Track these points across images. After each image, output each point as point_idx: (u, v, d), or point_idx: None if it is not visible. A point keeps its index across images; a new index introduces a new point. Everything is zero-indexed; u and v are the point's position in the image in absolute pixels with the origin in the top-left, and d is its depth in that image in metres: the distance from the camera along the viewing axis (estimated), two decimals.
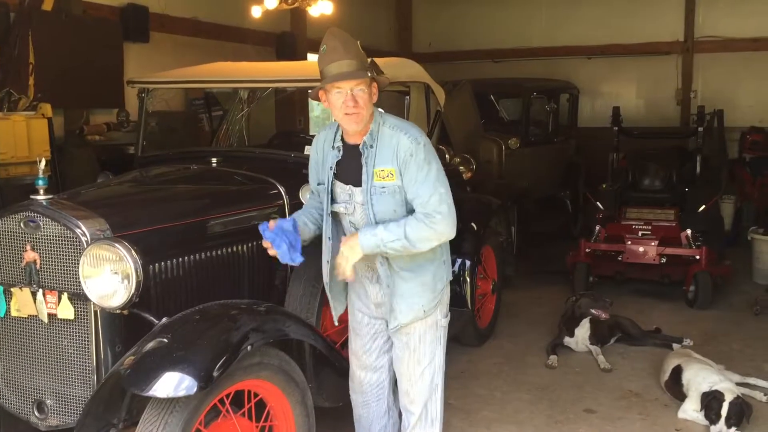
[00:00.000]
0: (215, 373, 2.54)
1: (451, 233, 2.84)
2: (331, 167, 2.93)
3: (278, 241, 2.81)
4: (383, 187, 2.81)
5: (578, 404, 4.35)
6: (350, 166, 2.89)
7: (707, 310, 6.10)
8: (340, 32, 2.81)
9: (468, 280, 4.94)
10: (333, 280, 3.06)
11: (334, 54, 2.75)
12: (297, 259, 2.84)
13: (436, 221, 2.78)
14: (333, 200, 2.96)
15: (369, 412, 3.28)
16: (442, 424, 3.22)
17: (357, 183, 2.88)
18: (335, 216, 3.00)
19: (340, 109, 2.78)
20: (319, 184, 3.02)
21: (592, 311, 5.17)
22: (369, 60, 2.87)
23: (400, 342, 3.06)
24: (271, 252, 2.85)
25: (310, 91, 2.93)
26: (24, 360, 2.99)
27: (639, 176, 7.55)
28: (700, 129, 7.88)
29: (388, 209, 2.84)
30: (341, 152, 2.91)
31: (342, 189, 2.93)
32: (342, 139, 2.92)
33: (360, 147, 2.84)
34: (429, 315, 3.02)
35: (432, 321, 3.04)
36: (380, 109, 2.92)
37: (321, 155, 3.00)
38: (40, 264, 2.89)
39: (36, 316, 2.92)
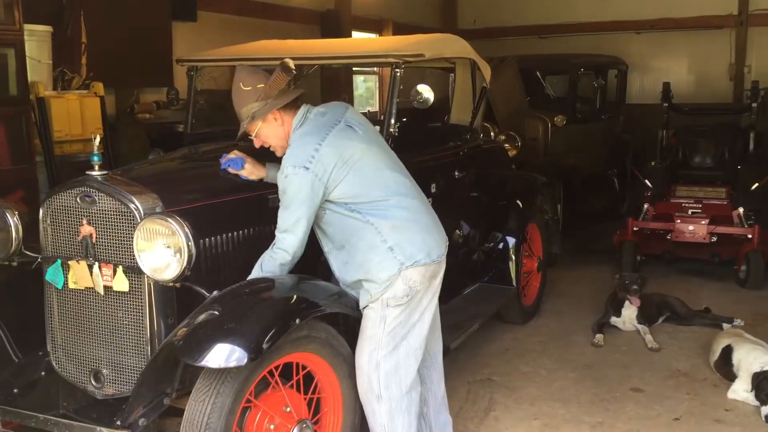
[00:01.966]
0: (265, 345, 2.59)
1: (291, 259, 2.97)
2: None
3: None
4: None
5: (625, 383, 4.32)
6: None
7: (759, 290, 5.99)
8: (236, 75, 3.01)
9: (513, 257, 4.94)
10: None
11: (235, 104, 3.04)
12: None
13: (277, 252, 2.96)
14: None
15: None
16: (402, 404, 3.03)
17: None
18: None
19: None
20: None
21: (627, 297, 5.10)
22: (264, 85, 2.97)
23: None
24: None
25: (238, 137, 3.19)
26: (81, 331, 3.08)
27: (689, 153, 7.40)
28: (754, 105, 7.64)
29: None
30: None
31: None
32: None
33: None
34: (377, 298, 2.96)
35: (378, 300, 2.97)
36: (308, 107, 3.06)
37: None
38: (96, 238, 2.97)
39: (92, 288, 3.01)
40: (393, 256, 2.95)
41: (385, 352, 2.99)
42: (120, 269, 2.93)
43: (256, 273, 2.99)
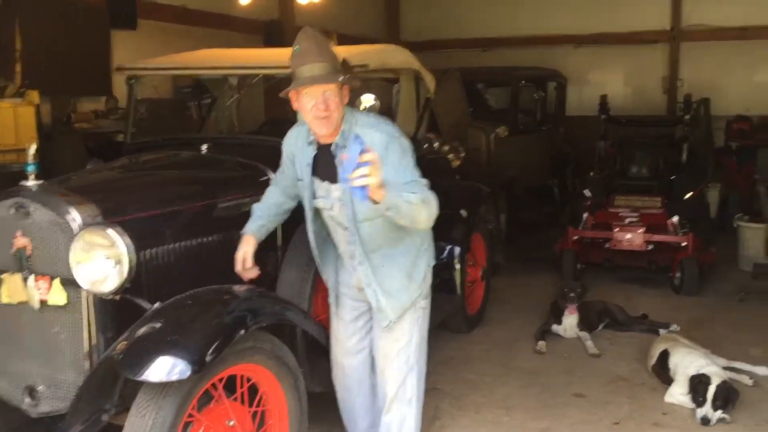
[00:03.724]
0: (208, 358, 2.55)
1: (434, 216, 2.79)
2: (308, 164, 2.95)
3: None
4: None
5: (567, 389, 4.39)
6: (325, 164, 2.90)
7: (693, 297, 6.17)
8: (314, 33, 2.79)
9: (457, 266, 4.97)
10: (321, 261, 3.18)
11: (306, 56, 2.73)
12: None
13: (435, 200, 2.75)
14: (313, 195, 2.99)
15: (351, 395, 3.33)
16: (420, 405, 3.21)
17: (333, 180, 2.89)
18: (315, 210, 3.04)
19: (310, 112, 2.78)
20: (298, 180, 3.05)
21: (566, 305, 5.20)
22: (342, 60, 2.88)
23: (378, 327, 3.10)
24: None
25: (281, 92, 2.89)
26: (15, 346, 2.98)
27: (626, 164, 7.62)
28: (687, 117, 7.92)
29: (368, 207, 2.77)
30: (316, 147, 2.93)
31: (319, 185, 2.96)
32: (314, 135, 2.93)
33: (332, 148, 2.86)
34: (416, 303, 3.07)
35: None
36: (352, 108, 2.93)
37: (293, 152, 3.03)
38: (31, 250, 2.88)
39: (27, 302, 2.91)
40: (424, 258, 3.08)
41: (417, 354, 3.11)
42: (57, 282, 2.84)
43: (413, 198, 2.63)
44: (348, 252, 3.03)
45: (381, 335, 3.11)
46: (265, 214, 3.23)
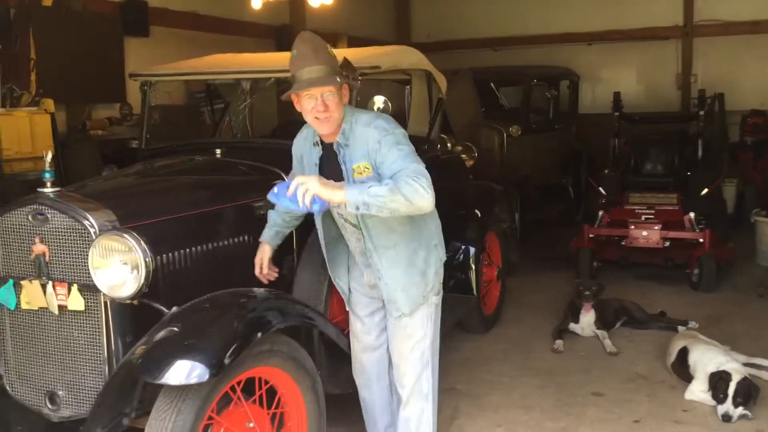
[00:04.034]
0: (226, 361, 2.56)
1: (431, 201, 2.69)
2: (316, 164, 3.01)
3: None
4: (363, 182, 2.83)
5: (586, 387, 4.37)
6: (330, 163, 2.96)
7: (711, 293, 6.12)
8: (311, 37, 2.84)
9: (473, 266, 4.96)
10: (332, 262, 3.21)
11: (305, 60, 2.78)
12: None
13: (422, 182, 2.67)
14: None
15: (371, 392, 3.37)
16: (436, 401, 3.24)
17: (338, 178, 2.91)
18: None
19: (311, 113, 2.82)
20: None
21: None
22: (342, 60, 2.92)
23: (392, 317, 3.13)
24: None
25: (283, 95, 2.94)
26: (35, 352, 3.00)
27: (641, 161, 7.57)
28: (701, 113, 7.87)
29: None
30: (321, 147, 2.98)
31: None
32: (320, 136, 2.97)
33: (334, 147, 2.91)
34: (429, 299, 3.10)
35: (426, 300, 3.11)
36: (353, 106, 2.97)
37: (301, 153, 3.10)
38: (49, 256, 2.90)
39: (46, 308, 2.93)
40: (437, 253, 3.12)
41: (432, 350, 3.15)
42: (75, 288, 2.86)
43: (379, 190, 2.62)
44: (359, 248, 3.08)
45: (395, 332, 3.14)
46: (279, 220, 3.28)
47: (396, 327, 3.12)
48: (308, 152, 3.04)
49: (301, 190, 2.62)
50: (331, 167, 2.94)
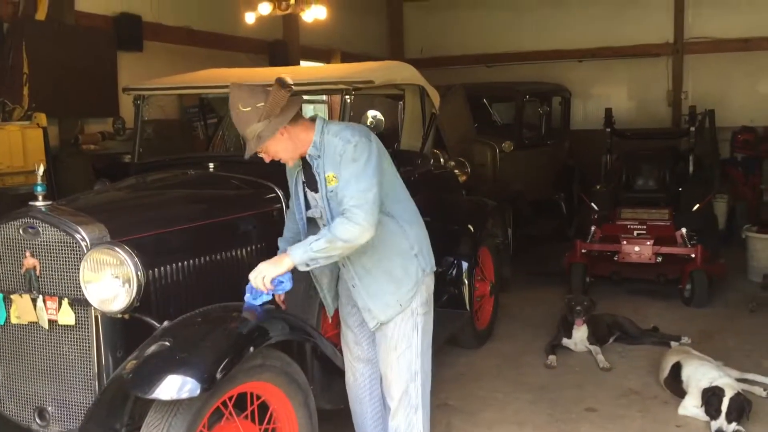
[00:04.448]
0: (218, 375, 2.54)
1: (368, 232, 2.82)
2: (295, 179, 3.10)
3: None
4: (331, 191, 2.92)
5: (579, 403, 4.36)
6: (311, 175, 3.03)
7: (703, 308, 6.13)
8: (235, 91, 2.86)
9: (466, 281, 4.96)
10: (319, 280, 3.23)
11: (237, 125, 2.89)
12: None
13: (356, 217, 2.79)
14: (307, 207, 3.11)
15: (362, 405, 3.35)
16: (427, 412, 3.23)
17: (317, 189, 3.01)
18: (310, 220, 3.13)
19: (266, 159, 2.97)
20: (295, 196, 3.16)
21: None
22: (275, 81, 2.82)
23: (378, 330, 3.14)
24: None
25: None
26: (25, 367, 2.97)
27: (633, 177, 7.62)
28: (692, 129, 7.93)
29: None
30: (301, 163, 3.05)
31: (311, 196, 3.07)
32: None
33: (308, 159, 2.98)
34: (406, 307, 3.09)
35: (407, 310, 3.10)
36: (323, 118, 3.05)
37: (290, 173, 3.17)
38: (40, 270, 2.89)
39: (36, 322, 2.91)
40: (417, 262, 3.10)
41: (421, 360, 3.13)
42: (65, 302, 2.85)
43: (319, 244, 2.79)
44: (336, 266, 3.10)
45: (380, 344, 3.15)
46: (287, 247, 3.26)
47: (381, 338, 3.14)
48: (292, 171, 3.12)
49: (259, 282, 2.84)
50: (311, 179, 3.03)
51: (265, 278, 2.84)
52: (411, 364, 3.12)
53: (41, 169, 2.97)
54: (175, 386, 2.47)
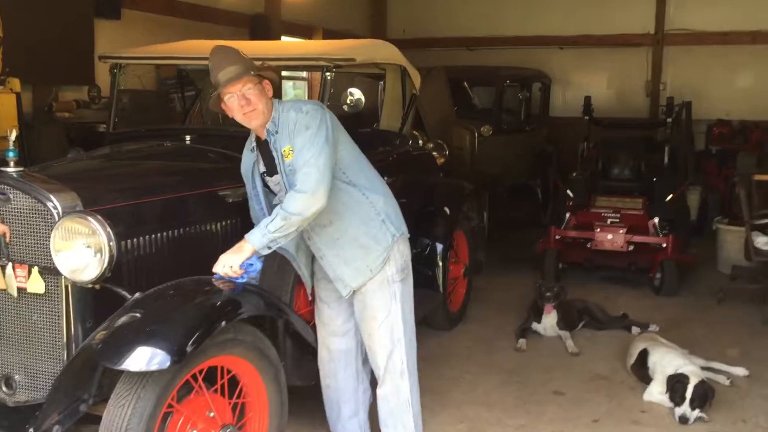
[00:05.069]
0: (189, 348, 2.53)
1: (319, 201, 2.85)
2: (249, 167, 3.14)
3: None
4: (289, 166, 2.95)
5: (547, 386, 4.41)
6: (271, 160, 3.05)
7: (672, 297, 6.22)
8: (220, 46, 3.00)
9: (440, 263, 4.97)
10: (296, 257, 3.24)
11: (218, 66, 2.92)
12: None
13: (304, 183, 2.84)
14: (273, 193, 3.15)
15: (337, 381, 3.38)
16: (414, 378, 3.32)
17: (276, 171, 3.05)
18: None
19: (237, 111, 2.95)
20: (252, 189, 3.19)
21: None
22: (261, 63, 3.08)
23: (356, 301, 3.19)
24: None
25: (210, 103, 3.06)
26: None
27: (608, 165, 7.68)
28: (669, 120, 7.99)
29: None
30: (258, 151, 3.10)
31: (273, 181, 3.11)
32: (257, 139, 3.09)
33: (266, 135, 3.01)
34: (377, 273, 3.12)
35: (381, 278, 3.14)
36: (280, 99, 3.08)
37: (246, 169, 3.19)
38: (10, 237, 2.85)
39: (5, 290, 2.88)
40: (386, 228, 3.12)
41: (402, 326, 3.18)
42: (35, 270, 2.81)
43: (275, 224, 2.83)
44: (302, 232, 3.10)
45: (360, 314, 3.21)
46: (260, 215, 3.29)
47: (360, 309, 3.18)
48: (249, 163, 3.15)
49: (227, 271, 2.86)
50: (271, 163, 3.06)
51: (233, 267, 2.86)
52: (392, 332, 3.18)
53: (14, 135, 2.93)
54: (145, 358, 2.46)
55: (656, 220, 6.56)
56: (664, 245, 6.40)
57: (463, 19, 10.78)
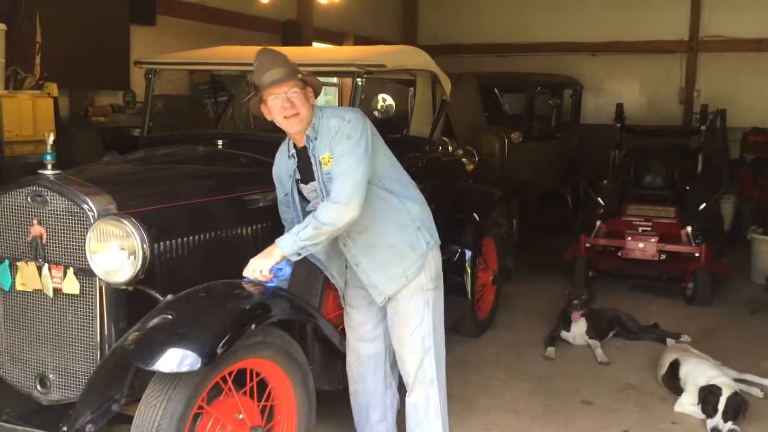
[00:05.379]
0: (219, 350, 2.56)
1: (352, 212, 2.88)
2: (290, 175, 3.13)
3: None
4: (327, 174, 2.96)
5: (576, 395, 4.37)
6: (308, 166, 3.06)
7: (705, 307, 6.13)
8: (267, 49, 3.02)
9: (468, 270, 4.96)
10: (329, 266, 3.27)
11: (264, 67, 2.94)
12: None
13: (339, 194, 2.87)
14: (307, 201, 3.15)
15: (365, 386, 3.38)
16: (443, 385, 3.31)
17: (313, 178, 3.06)
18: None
19: (279, 113, 2.95)
20: (285, 195, 3.19)
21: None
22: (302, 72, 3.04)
23: (389, 307, 3.19)
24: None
25: (251, 104, 3.08)
26: (28, 334, 3.00)
27: (641, 173, 7.59)
28: (703, 128, 7.88)
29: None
30: (296, 158, 3.09)
31: (308, 189, 3.11)
32: (294, 146, 3.09)
33: (305, 141, 3.02)
34: (412, 280, 3.12)
35: (416, 285, 3.15)
36: (320, 106, 3.09)
37: (279, 174, 3.20)
38: (47, 239, 2.90)
39: (41, 290, 2.93)
40: (421, 235, 3.14)
41: (433, 334, 3.19)
42: (71, 271, 2.86)
43: (306, 232, 2.85)
44: (338, 237, 3.11)
45: (392, 321, 3.21)
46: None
47: (392, 315, 3.19)
48: (285, 168, 3.16)
49: (257, 275, 2.88)
50: (308, 170, 3.06)
51: (262, 271, 2.89)
52: (424, 340, 3.18)
53: (51, 138, 2.98)
54: (176, 359, 2.50)
55: (689, 228, 6.47)
56: (697, 254, 6.31)
57: (494, 25, 10.76)
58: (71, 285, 2.87)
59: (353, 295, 3.31)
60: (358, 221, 2.97)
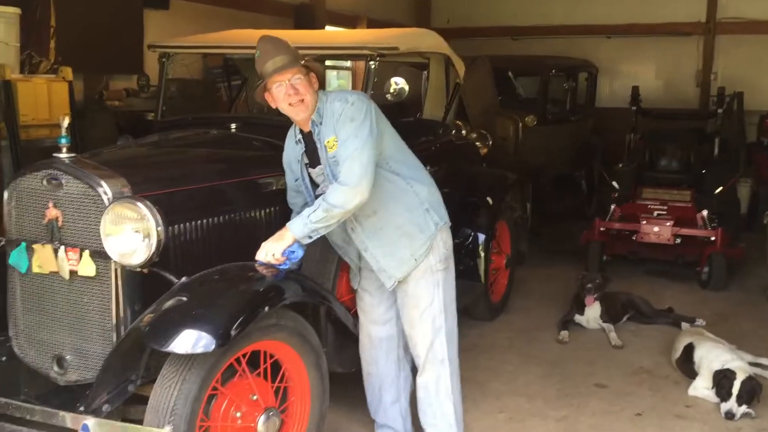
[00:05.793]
0: (233, 332, 2.58)
1: (362, 194, 2.88)
2: (298, 160, 3.14)
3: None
4: (332, 158, 2.96)
5: (589, 379, 4.37)
6: (314, 151, 3.07)
7: (720, 292, 6.10)
8: (268, 36, 3.02)
9: (482, 254, 4.96)
10: (348, 251, 3.28)
11: (266, 55, 2.95)
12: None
13: (347, 177, 2.87)
14: (316, 185, 3.16)
15: (378, 368, 3.40)
16: (455, 366, 3.32)
17: (319, 162, 3.08)
18: None
19: (284, 100, 2.97)
20: (296, 180, 3.21)
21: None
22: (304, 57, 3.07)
23: (399, 290, 3.20)
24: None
25: (255, 93, 3.09)
26: (45, 316, 3.03)
27: (656, 156, 7.52)
28: (720, 111, 7.80)
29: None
30: (303, 143, 3.10)
31: (317, 173, 3.12)
32: (301, 132, 3.10)
33: (311, 126, 3.03)
34: (421, 261, 3.13)
35: (425, 266, 3.15)
36: (324, 90, 3.09)
37: (289, 160, 3.22)
38: (62, 221, 2.92)
39: (57, 272, 2.95)
40: (429, 216, 3.14)
41: (444, 315, 3.19)
42: (86, 253, 2.88)
43: (316, 215, 2.86)
44: (346, 222, 3.11)
45: (402, 304, 3.22)
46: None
47: (402, 298, 3.20)
48: (294, 154, 3.18)
49: (269, 259, 2.89)
50: (315, 154, 3.07)
51: (275, 254, 2.90)
52: (434, 321, 3.19)
53: (66, 122, 3.00)
54: (191, 340, 2.52)
55: (705, 212, 6.42)
56: (713, 238, 6.26)
57: (508, 8, 10.69)
58: (87, 267, 2.89)
59: (365, 278, 3.33)
60: (366, 205, 2.97)
